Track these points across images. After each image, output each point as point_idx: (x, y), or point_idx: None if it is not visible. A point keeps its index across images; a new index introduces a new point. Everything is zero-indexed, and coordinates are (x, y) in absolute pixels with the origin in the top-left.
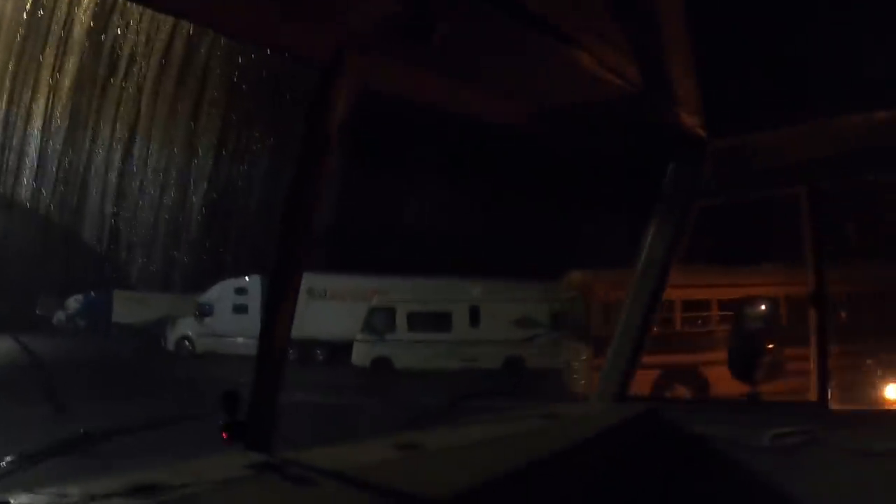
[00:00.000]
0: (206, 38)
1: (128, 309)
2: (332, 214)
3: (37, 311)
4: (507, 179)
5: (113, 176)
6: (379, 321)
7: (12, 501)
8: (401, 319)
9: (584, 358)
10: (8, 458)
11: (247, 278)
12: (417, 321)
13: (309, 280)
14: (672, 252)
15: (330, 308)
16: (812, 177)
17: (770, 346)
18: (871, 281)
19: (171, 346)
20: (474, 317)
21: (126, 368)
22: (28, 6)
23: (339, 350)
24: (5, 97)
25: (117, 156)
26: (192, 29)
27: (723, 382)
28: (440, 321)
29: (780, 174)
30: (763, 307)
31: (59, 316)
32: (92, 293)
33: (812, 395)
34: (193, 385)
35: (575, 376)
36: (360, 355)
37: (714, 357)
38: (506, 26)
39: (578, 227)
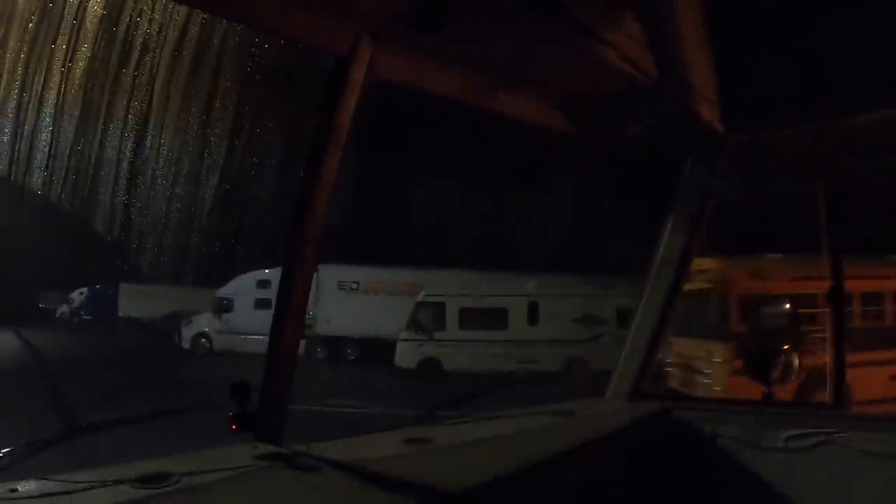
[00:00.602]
0: (220, 28)
1: (135, 302)
2: (366, 206)
3: (40, 305)
4: (549, 171)
5: (124, 166)
6: (426, 318)
7: (20, 489)
8: (451, 316)
9: (719, 360)
10: (14, 448)
11: (266, 271)
12: (470, 318)
13: (338, 272)
14: (689, 247)
15: (362, 303)
16: (830, 174)
17: (786, 346)
18: None
19: (186, 343)
20: (532, 314)
21: (134, 365)
22: None
23: (371, 348)
24: (18, 85)
25: (129, 146)
26: (205, 18)
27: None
28: (495, 318)
29: (797, 170)
30: (786, 306)
31: (63, 309)
32: (98, 286)
33: (828, 397)
34: (210, 384)
35: (706, 381)
36: (405, 356)
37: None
38: (522, 17)
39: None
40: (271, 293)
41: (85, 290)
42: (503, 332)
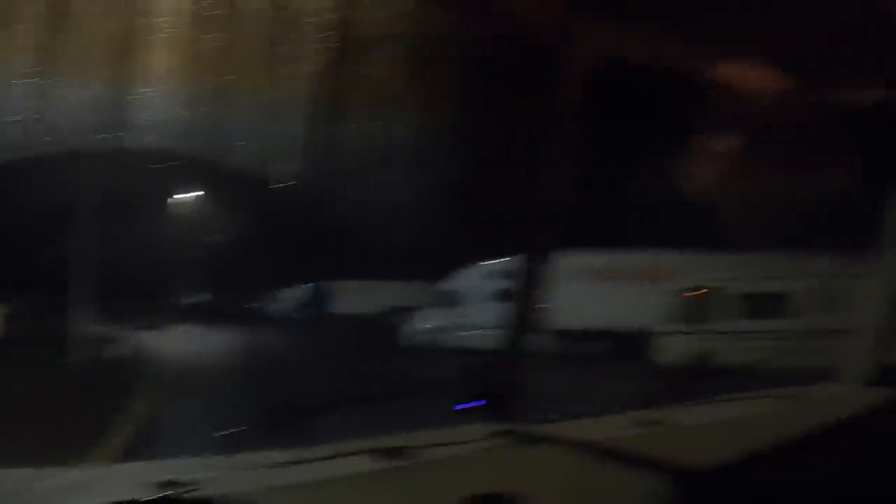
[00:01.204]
0: (443, 17)
1: (353, 298)
2: (608, 189)
3: (254, 304)
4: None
5: (346, 163)
6: (692, 308)
7: (257, 459)
8: (725, 304)
9: None
10: (251, 425)
11: (498, 261)
12: (748, 306)
13: (580, 259)
14: None
15: (608, 291)
16: None
17: None
18: None
19: (412, 340)
20: (826, 299)
21: (357, 361)
22: None
23: (620, 342)
24: (253, 85)
25: (345, 137)
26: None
27: None
28: (779, 305)
29: None
30: None
31: (281, 307)
32: (314, 283)
33: None
34: (439, 378)
35: None
36: (669, 351)
37: None
38: None
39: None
40: (504, 285)
41: (301, 287)
42: (789, 322)
